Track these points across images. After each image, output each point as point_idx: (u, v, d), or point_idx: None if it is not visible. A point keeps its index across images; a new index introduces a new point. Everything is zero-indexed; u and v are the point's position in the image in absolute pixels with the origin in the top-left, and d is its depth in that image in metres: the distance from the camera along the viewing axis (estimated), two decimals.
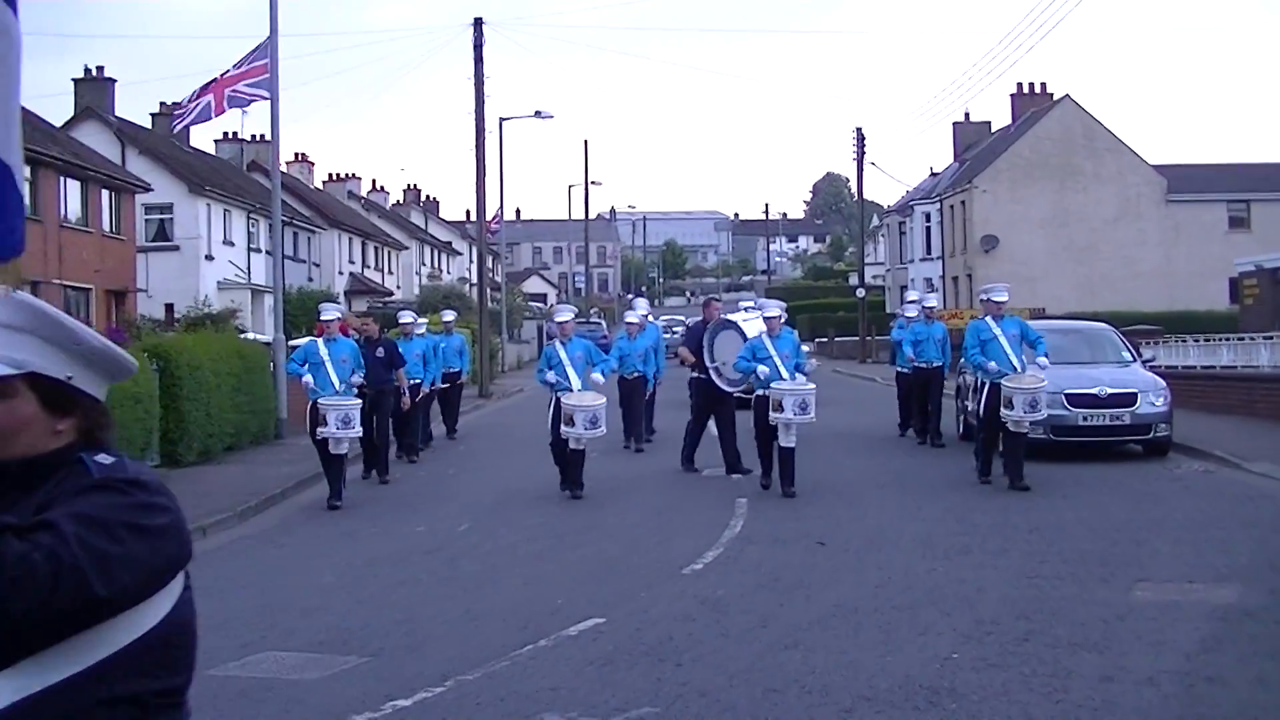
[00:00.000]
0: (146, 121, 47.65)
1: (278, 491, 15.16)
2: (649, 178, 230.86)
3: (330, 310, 14.52)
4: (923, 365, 18.72)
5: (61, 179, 33.25)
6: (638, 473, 16.61)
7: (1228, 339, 28.54)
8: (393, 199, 76.62)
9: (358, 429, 14.04)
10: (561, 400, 13.89)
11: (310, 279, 51.35)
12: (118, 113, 42.97)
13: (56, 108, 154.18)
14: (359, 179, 70.63)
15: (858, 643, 7.70)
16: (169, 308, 38.14)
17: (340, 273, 56.05)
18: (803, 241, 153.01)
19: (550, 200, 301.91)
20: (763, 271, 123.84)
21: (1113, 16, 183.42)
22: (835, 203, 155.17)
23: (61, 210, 33.30)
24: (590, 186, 71.55)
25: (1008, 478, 13.91)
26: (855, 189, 62.04)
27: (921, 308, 19.39)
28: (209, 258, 42.54)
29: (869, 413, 24.47)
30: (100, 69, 42.96)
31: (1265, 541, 10.95)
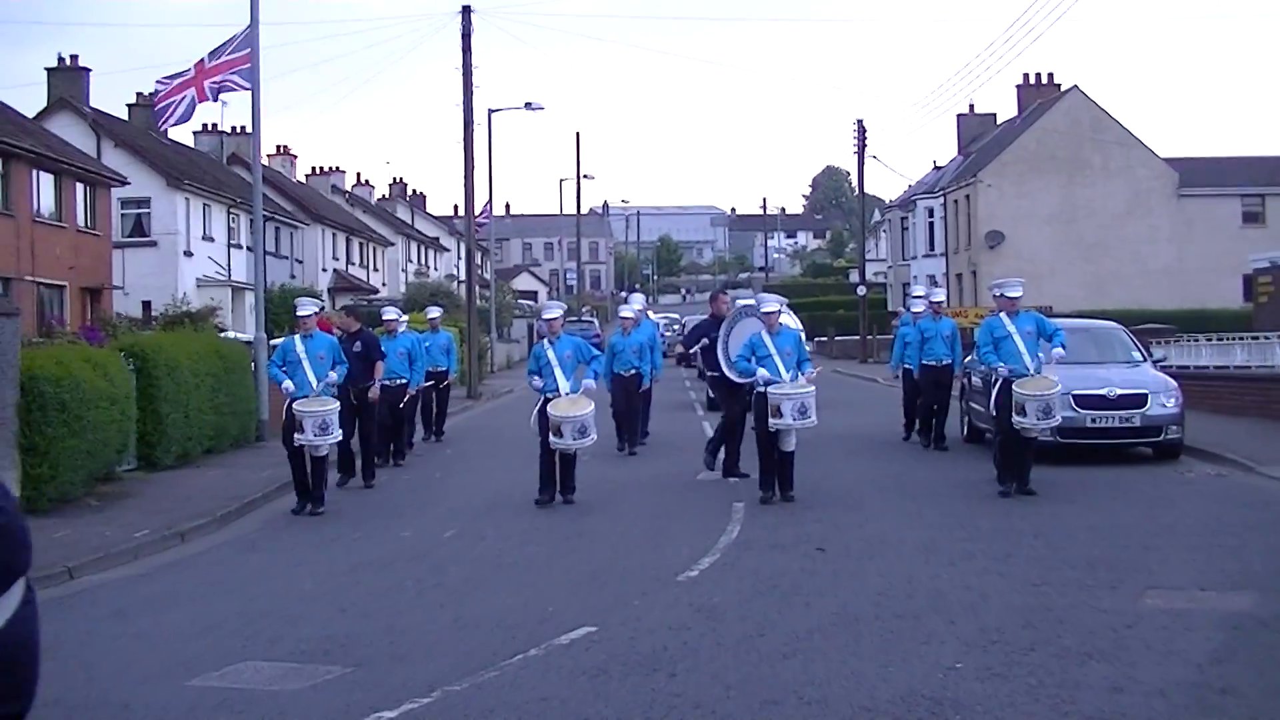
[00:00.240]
0: (123, 112, 47.66)
1: (259, 496, 15.15)
2: (643, 171, 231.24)
3: (306, 305, 14.40)
4: (931, 363, 18.58)
5: (34, 172, 33.22)
6: (631, 476, 16.61)
7: (1241, 338, 28.62)
8: (378, 193, 76.64)
9: (336, 434, 13.89)
10: (548, 410, 13.68)
11: (292, 276, 51.33)
12: (93, 103, 42.94)
13: (28, 98, 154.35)
14: (343, 172, 70.67)
15: (858, 652, 7.70)
16: (146, 305, 38.13)
17: (324, 269, 56.04)
18: (802, 237, 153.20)
19: (541, 195, 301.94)
20: (760, 268, 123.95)
21: (1123, 4, 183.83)
22: (835, 197, 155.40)
23: (34, 205, 33.26)
24: (582, 180, 71.49)
25: (1013, 481, 13.83)
26: (856, 183, 62.07)
27: (929, 303, 19.23)
28: (188, 254, 42.53)
29: (870, 414, 24.50)
30: (74, 58, 42.90)
31: None
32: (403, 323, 18.73)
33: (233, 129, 55.34)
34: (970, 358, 18.79)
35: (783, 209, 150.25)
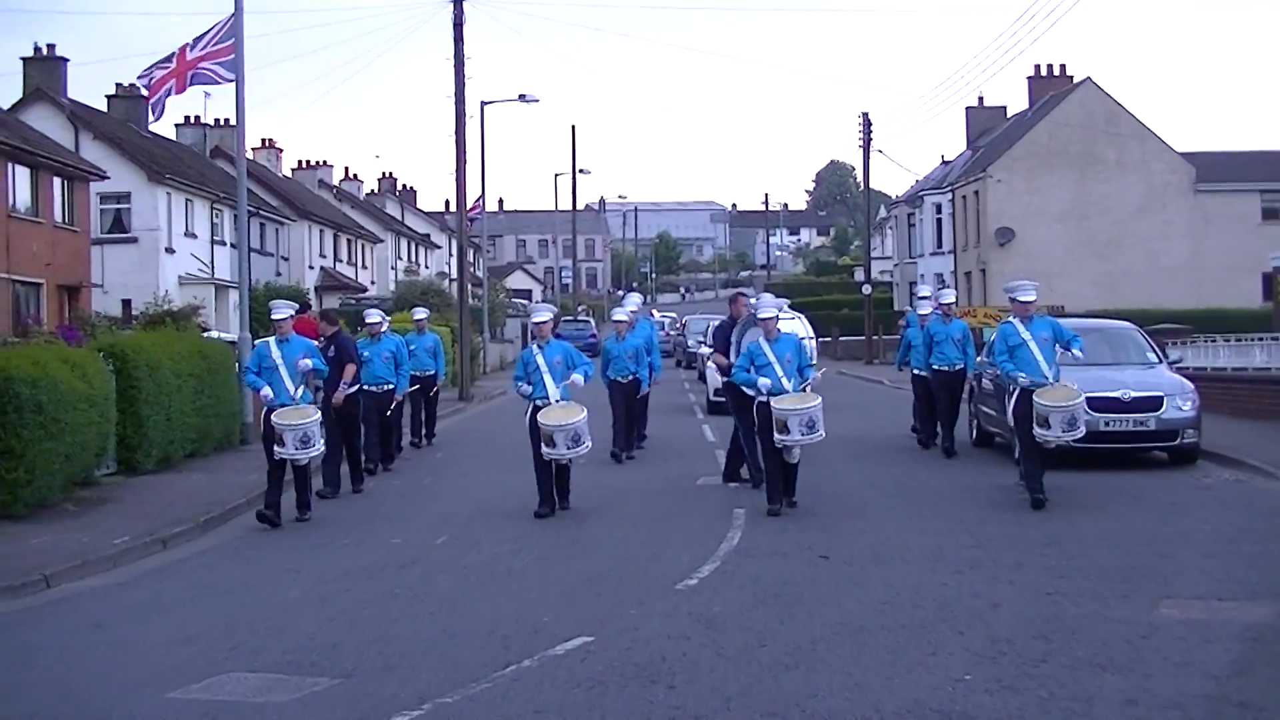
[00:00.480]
0: (101, 104, 47.62)
1: (243, 501, 15.15)
2: (641, 166, 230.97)
3: (281, 308, 14.20)
4: (943, 368, 18.44)
5: (9, 165, 33.21)
6: (629, 481, 16.61)
7: (1261, 339, 28.62)
8: (367, 188, 76.71)
9: (319, 446, 13.81)
10: (539, 420, 13.55)
11: (278, 274, 51.34)
12: (70, 94, 42.94)
13: (3, 89, 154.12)
14: (330, 167, 70.74)
15: (863, 663, 7.71)
16: (126, 304, 38.10)
17: (310, 267, 56.07)
18: (805, 234, 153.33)
19: (535, 191, 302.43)
20: (762, 266, 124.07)
21: None
22: (840, 193, 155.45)
23: (10, 199, 33.25)
24: (578, 175, 71.32)
25: (1041, 489, 13.41)
26: (861, 178, 62.08)
27: (938, 304, 19.14)
28: (169, 251, 42.52)
29: (875, 417, 24.51)
30: (51, 47, 42.91)
31: None
32: (384, 324, 18.54)
33: (216, 121, 55.39)
34: (980, 359, 18.78)
35: (785, 205, 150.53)
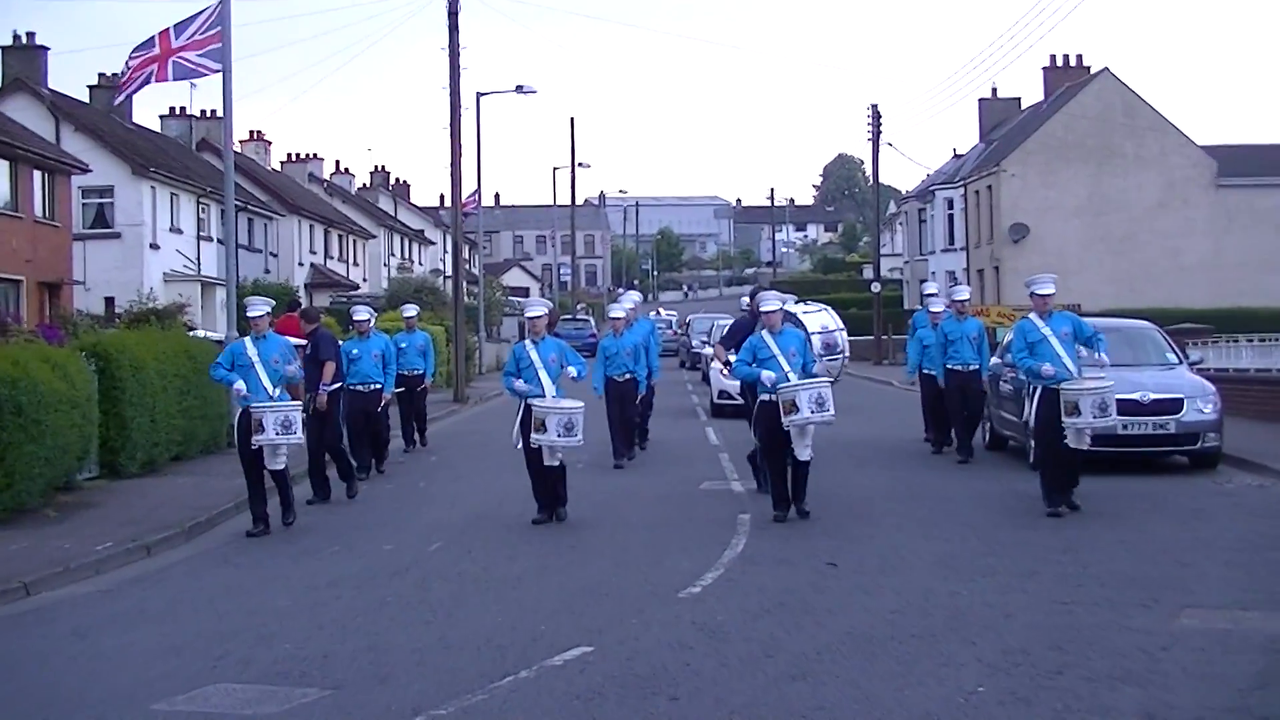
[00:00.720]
0: (83, 95, 47.64)
1: (230, 506, 15.15)
2: (642, 160, 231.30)
3: (257, 305, 14.23)
4: (957, 368, 18.31)
5: None
6: (629, 486, 16.61)
7: None
8: (358, 182, 76.66)
9: (299, 434, 13.81)
10: (533, 404, 13.43)
11: (267, 270, 51.37)
12: (51, 85, 42.95)
13: None
14: (321, 160, 70.66)
15: (872, 674, 7.71)
16: (109, 302, 38.11)
17: (300, 263, 56.09)
18: (812, 230, 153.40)
19: (533, 185, 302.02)
20: (767, 263, 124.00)
21: None
22: (848, 188, 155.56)
23: None
24: (577, 169, 71.47)
25: (1063, 500, 13.28)
26: (870, 172, 62.13)
27: (952, 301, 19.01)
28: (154, 247, 42.54)
29: (884, 420, 24.52)
30: (31, 35, 42.94)
31: None
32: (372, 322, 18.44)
33: (202, 113, 55.33)
34: (994, 360, 18.75)
35: (791, 200, 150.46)
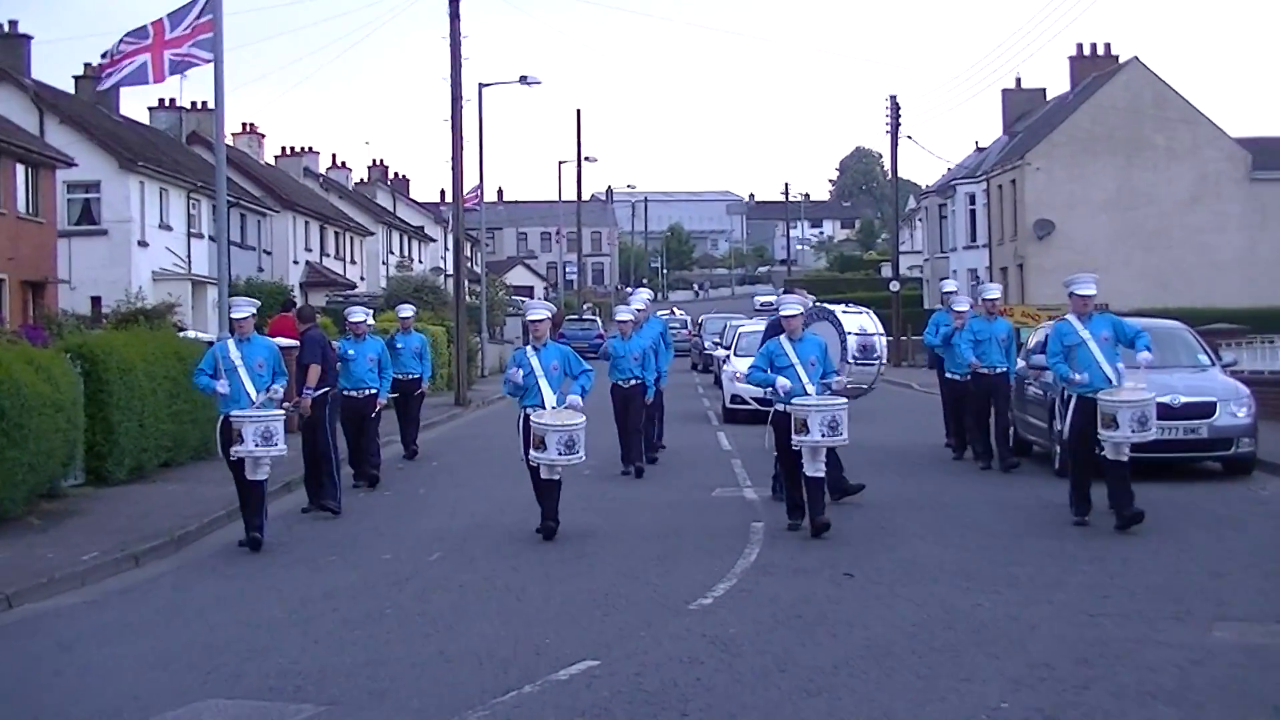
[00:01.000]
0: (68, 85, 47.72)
1: (222, 513, 15.16)
2: (651, 154, 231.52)
3: (242, 305, 14.01)
4: (984, 371, 18.16)
5: None
6: (638, 494, 16.62)
7: None
8: (356, 177, 76.80)
9: (281, 446, 13.48)
10: (531, 419, 13.26)
11: (260, 269, 51.43)
12: (35, 75, 43.03)
13: None
14: (316, 154, 70.82)
15: (890, 689, 7.70)
16: (96, 301, 38.18)
17: (295, 262, 56.15)
18: (828, 227, 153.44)
19: (538, 180, 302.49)
20: (781, 261, 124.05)
21: None
22: (865, 182, 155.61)
23: None
24: (583, 163, 71.52)
25: (1115, 514, 12.96)
26: (888, 167, 62.12)
27: (982, 300, 18.85)
28: (142, 244, 42.60)
29: (903, 425, 24.49)
30: (14, 24, 43.05)
31: None
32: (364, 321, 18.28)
33: (193, 104, 55.46)
34: (1020, 362, 18.68)
35: (806, 195, 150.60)
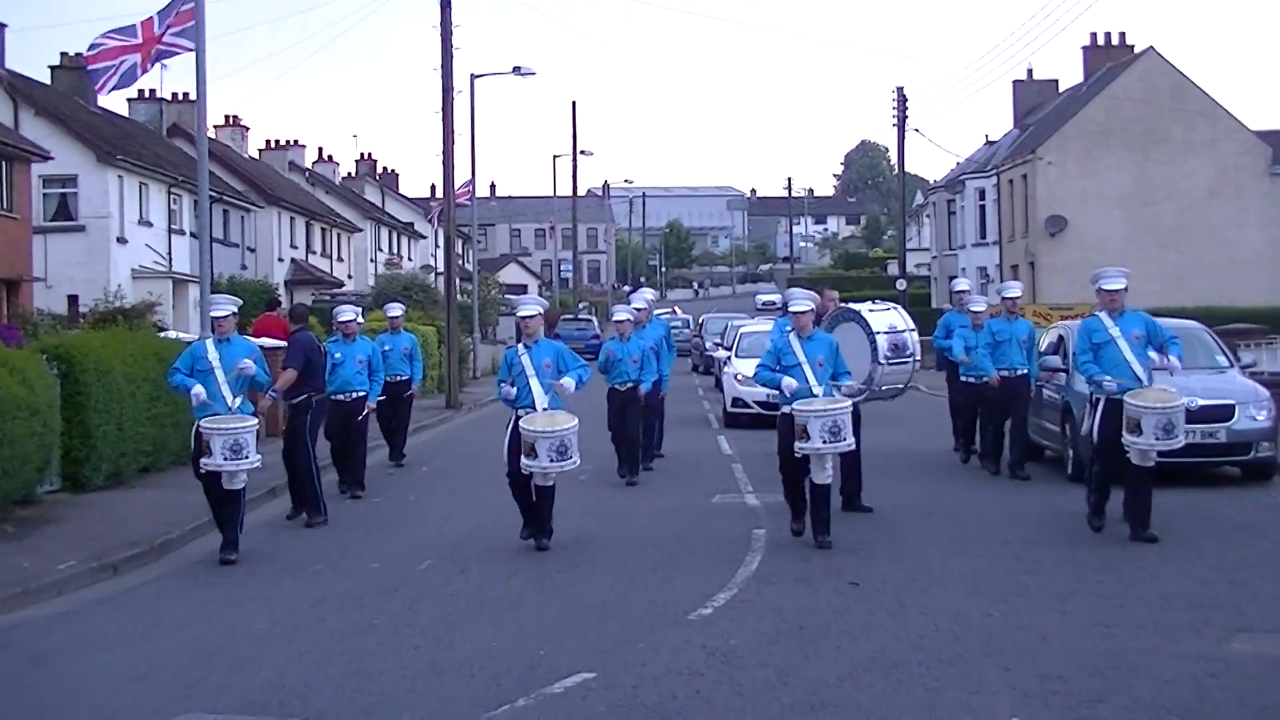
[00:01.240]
0: (44, 76, 47.71)
1: (205, 520, 15.10)
2: (649, 147, 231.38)
3: (222, 304, 13.85)
4: (1004, 372, 18.06)
5: None
6: (636, 500, 16.62)
7: None
8: (343, 171, 76.79)
9: (253, 459, 13.28)
10: (521, 425, 13.10)
11: (244, 266, 51.40)
12: (9, 65, 42.98)
13: None
14: (302, 147, 70.77)
15: (897, 702, 7.71)
16: (73, 300, 38.17)
17: (280, 259, 56.13)
18: (832, 223, 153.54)
19: (532, 175, 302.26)
20: (784, 259, 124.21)
21: None
22: (871, 177, 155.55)
23: None
24: (579, 157, 71.42)
25: (1129, 524, 12.91)
26: (895, 161, 62.13)
27: (1003, 299, 18.70)
28: (121, 240, 42.59)
29: (910, 428, 24.49)
30: None
31: None
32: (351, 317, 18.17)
33: (174, 96, 55.36)
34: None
35: (810, 190, 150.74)
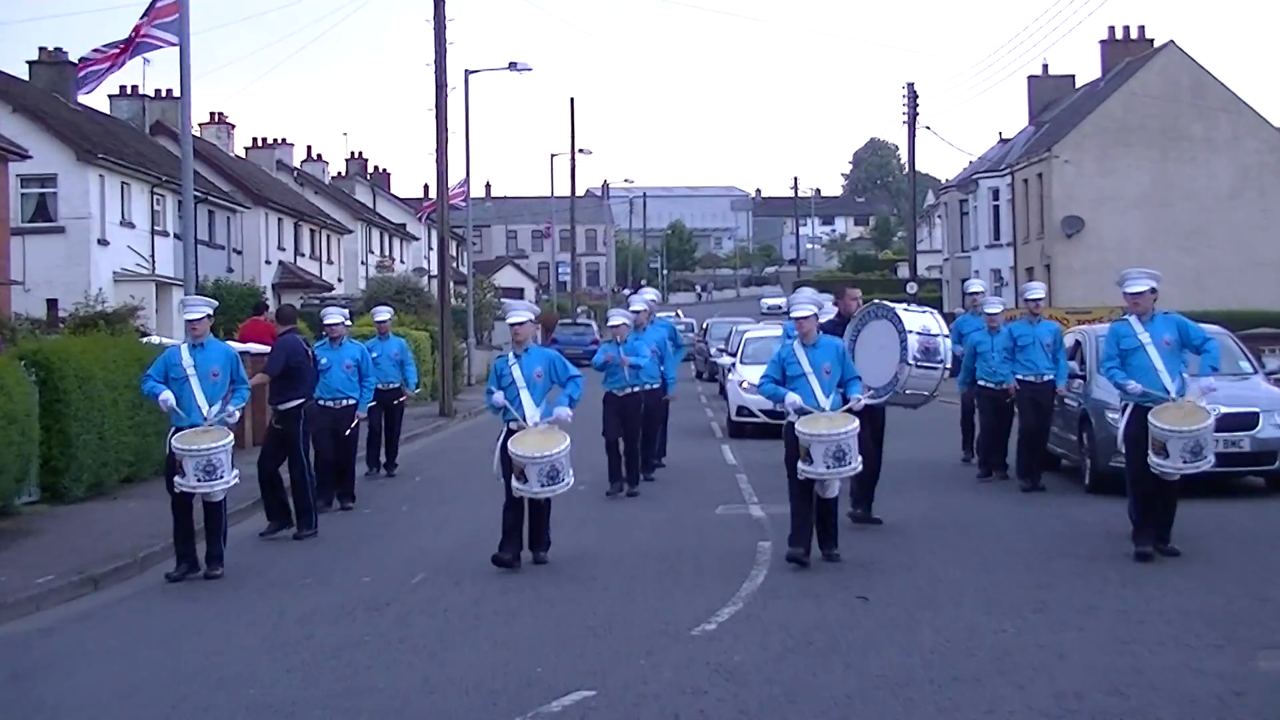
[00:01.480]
0: (22, 72, 47.71)
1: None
2: (650, 146, 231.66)
3: (196, 306, 13.56)
4: (1029, 378, 17.91)
5: None
6: (637, 511, 16.61)
7: None
8: (333, 171, 76.89)
9: (227, 478, 13.03)
10: (510, 448, 12.84)
11: (230, 269, 51.40)
12: None
13: None
14: (290, 146, 70.83)
15: None
16: (52, 304, 38.16)
17: (267, 261, 56.15)
18: (840, 224, 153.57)
19: (528, 174, 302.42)
20: (790, 261, 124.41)
21: None
22: (880, 177, 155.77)
23: None
24: (577, 155, 71.51)
25: (1151, 539, 12.66)
26: (905, 159, 62.14)
27: (1025, 301, 18.64)
28: (103, 242, 42.59)
29: (922, 438, 24.46)
30: None
31: None
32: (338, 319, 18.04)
33: (157, 92, 55.41)
34: None
35: (817, 190, 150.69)
